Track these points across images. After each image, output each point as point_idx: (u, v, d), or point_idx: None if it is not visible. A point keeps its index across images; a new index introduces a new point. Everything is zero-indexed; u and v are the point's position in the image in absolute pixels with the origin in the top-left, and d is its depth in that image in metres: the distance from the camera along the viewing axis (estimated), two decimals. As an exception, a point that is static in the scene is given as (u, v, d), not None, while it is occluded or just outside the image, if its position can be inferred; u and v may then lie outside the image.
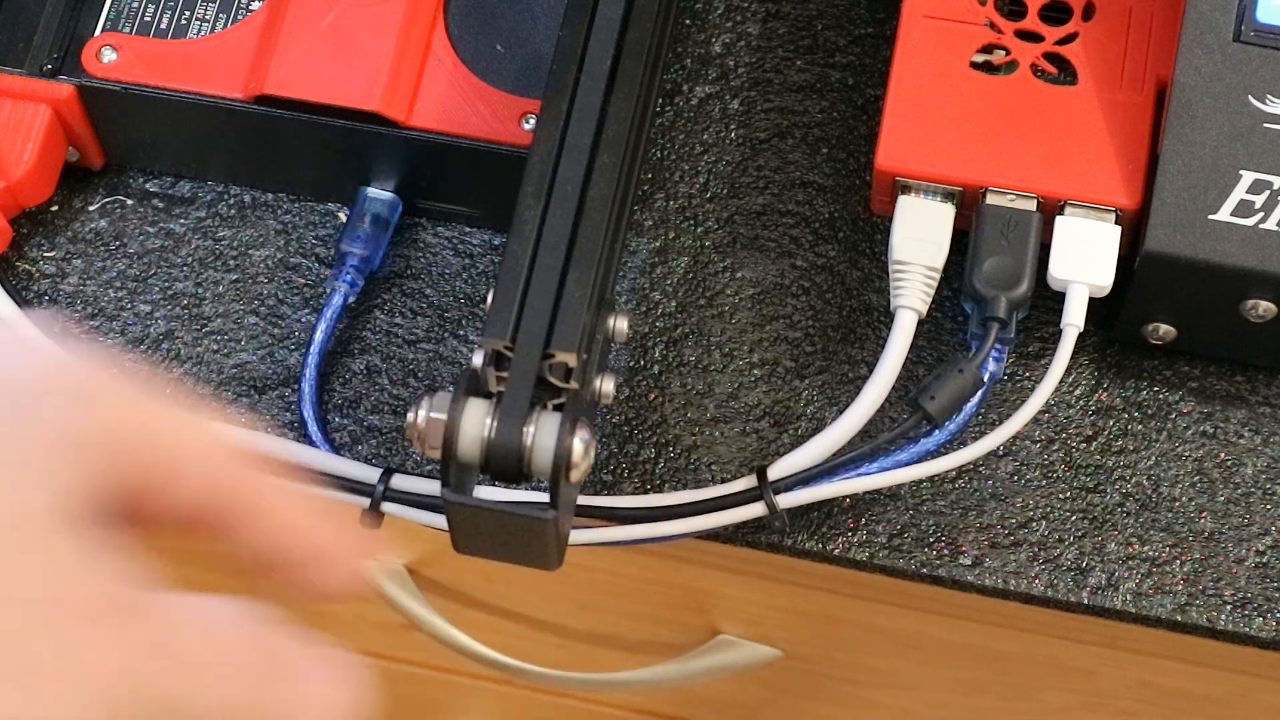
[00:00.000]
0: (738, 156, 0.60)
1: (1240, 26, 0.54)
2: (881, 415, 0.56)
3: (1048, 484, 0.56)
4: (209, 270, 0.60)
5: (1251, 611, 0.55)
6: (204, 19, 0.59)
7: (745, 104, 0.61)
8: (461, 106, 0.57)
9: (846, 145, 0.60)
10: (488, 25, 0.59)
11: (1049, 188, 0.55)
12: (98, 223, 0.60)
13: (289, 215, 0.60)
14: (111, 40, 0.58)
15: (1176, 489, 0.56)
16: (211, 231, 0.60)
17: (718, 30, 0.62)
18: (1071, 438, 0.57)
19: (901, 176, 0.55)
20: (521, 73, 0.58)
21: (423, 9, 0.58)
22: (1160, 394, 0.57)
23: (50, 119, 0.57)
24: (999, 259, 0.54)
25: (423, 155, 0.58)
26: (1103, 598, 0.55)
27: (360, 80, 0.56)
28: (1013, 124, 0.55)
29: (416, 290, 0.59)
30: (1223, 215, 0.53)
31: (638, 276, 0.59)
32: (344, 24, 0.57)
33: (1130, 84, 0.56)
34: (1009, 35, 0.57)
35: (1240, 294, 0.53)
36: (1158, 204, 0.53)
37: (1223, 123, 0.53)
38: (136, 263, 0.60)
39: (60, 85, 0.58)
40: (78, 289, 0.59)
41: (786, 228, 0.59)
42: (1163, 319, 0.56)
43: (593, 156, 0.52)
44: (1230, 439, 0.57)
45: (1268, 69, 0.53)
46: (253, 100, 0.57)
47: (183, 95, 0.57)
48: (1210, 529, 0.56)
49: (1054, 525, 0.56)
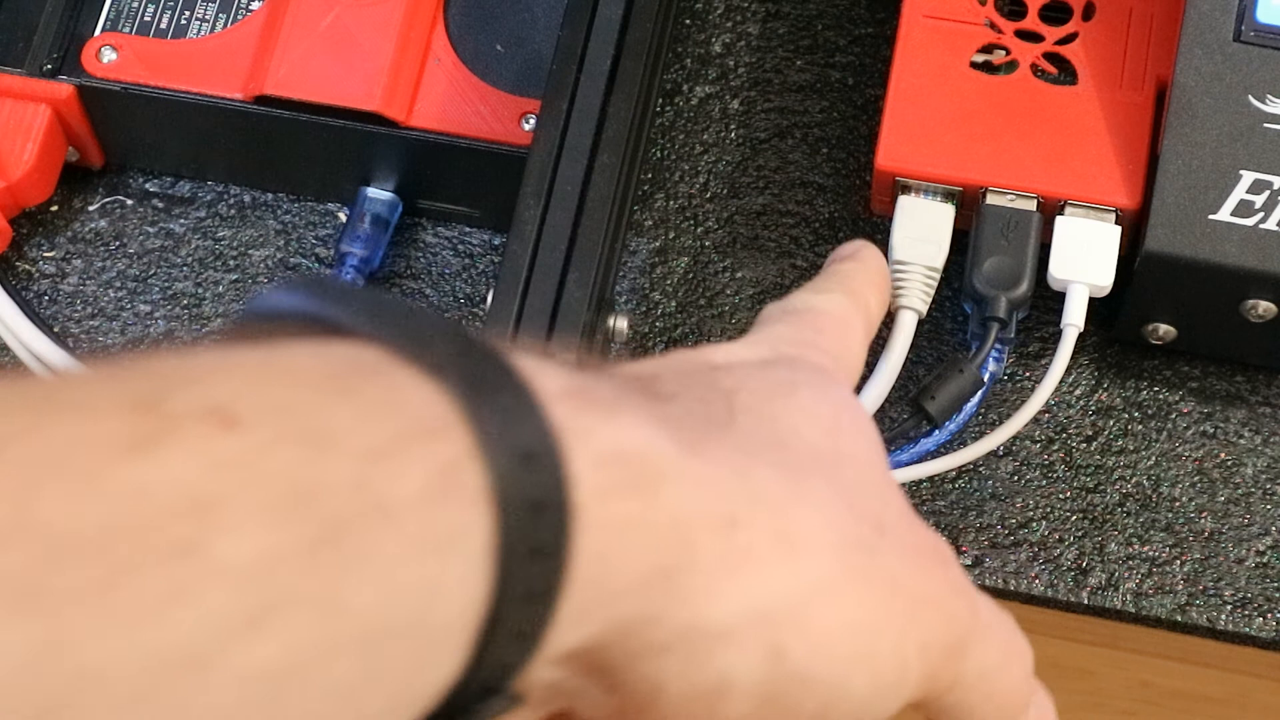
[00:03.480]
0: (738, 156, 0.60)
1: (1240, 26, 0.54)
2: (881, 415, 0.56)
3: (1048, 484, 0.56)
4: (209, 270, 0.60)
5: (1251, 611, 0.55)
6: (204, 19, 0.59)
7: (745, 104, 0.61)
8: (461, 106, 0.57)
9: (847, 145, 0.60)
10: (488, 25, 0.59)
11: (1049, 188, 0.54)
12: (98, 223, 0.60)
13: (289, 215, 0.60)
14: (111, 40, 0.58)
15: (1177, 489, 0.56)
16: (211, 231, 0.60)
17: (718, 30, 0.62)
18: (1071, 438, 0.57)
19: (902, 176, 0.55)
20: (521, 73, 0.58)
21: (423, 9, 0.58)
22: (1160, 394, 0.57)
23: (50, 119, 0.57)
24: (999, 259, 0.54)
25: (423, 155, 0.58)
26: (1103, 598, 0.55)
27: (360, 80, 0.56)
28: (1013, 124, 0.55)
29: (416, 290, 0.59)
30: (1223, 215, 0.53)
31: (638, 276, 0.59)
32: (344, 24, 0.57)
33: (1130, 84, 0.56)
34: (1009, 35, 0.57)
35: (1240, 294, 0.53)
36: (1158, 204, 0.53)
37: (1223, 123, 0.53)
38: (136, 263, 0.60)
39: (60, 85, 0.57)
40: (78, 289, 0.59)
41: (786, 228, 0.59)
42: (1163, 319, 0.55)
43: (593, 156, 0.52)
44: (1230, 439, 0.57)
45: (1268, 69, 0.53)
46: (253, 100, 0.57)
47: (183, 95, 0.57)
48: (1210, 529, 0.56)
49: (1054, 525, 0.56)
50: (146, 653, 0.23)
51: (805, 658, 0.31)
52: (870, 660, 0.32)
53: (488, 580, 0.27)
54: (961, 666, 0.35)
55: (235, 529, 0.24)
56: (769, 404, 0.34)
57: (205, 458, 0.24)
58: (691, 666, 0.31)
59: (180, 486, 0.24)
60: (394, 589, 0.26)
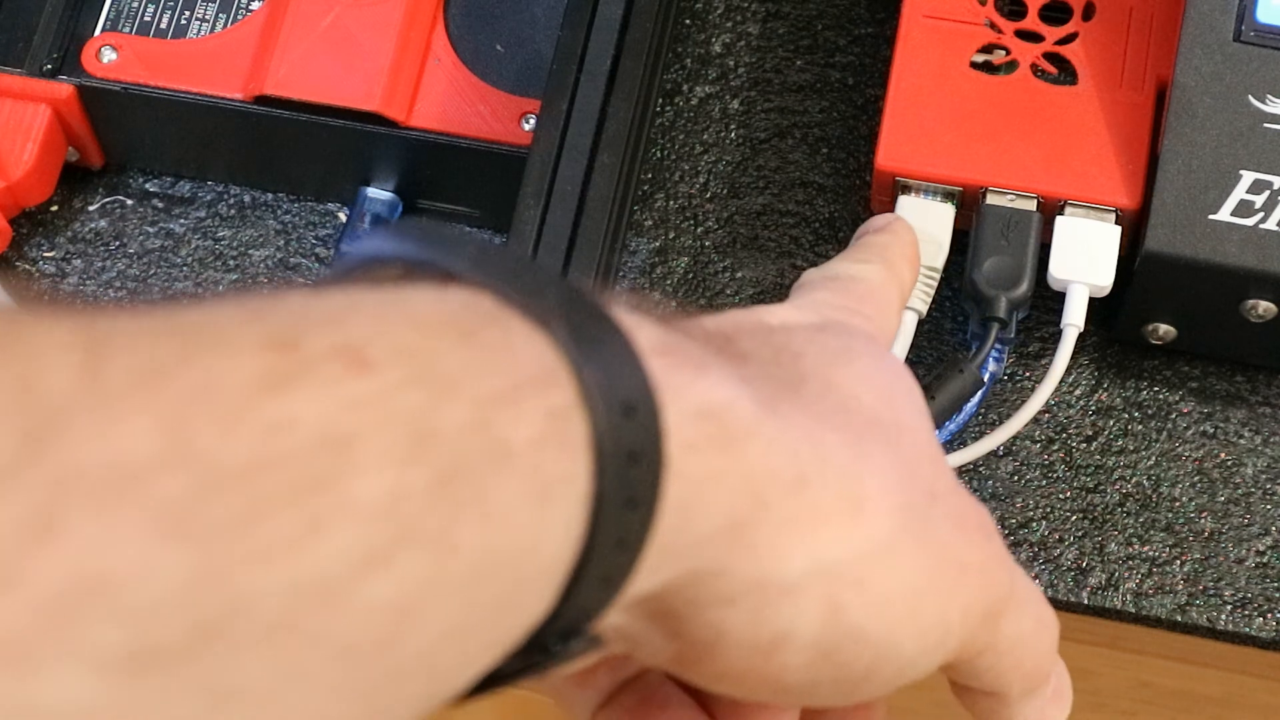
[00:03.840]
0: (738, 156, 0.60)
1: (1240, 26, 0.54)
2: (881, 415, 0.56)
3: (1048, 484, 0.56)
4: (209, 270, 0.60)
5: (1252, 611, 0.55)
6: (204, 19, 0.59)
7: (745, 104, 0.61)
8: (461, 106, 0.57)
9: (847, 145, 0.60)
10: (488, 25, 0.59)
11: (1049, 188, 0.54)
12: (97, 223, 0.60)
13: (289, 215, 0.60)
14: (111, 40, 0.58)
15: (1177, 489, 0.56)
16: (211, 232, 0.60)
17: (718, 30, 0.62)
18: (1071, 438, 0.57)
19: (902, 176, 0.55)
20: (521, 73, 0.58)
21: (423, 9, 0.58)
22: (1160, 394, 0.57)
23: (50, 119, 0.57)
24: (999, 259, 0.54)
25: (423, 155, 0.58)
26: (1103, 598, 0.55)
27: (360, 80, 0.56)
28: (1013, 124, 0.55)
29: (416, 290, 0.59)
30: (1223, 215, 0.53)
31: (638, 276, 0.59)
32: (344, 24, 0.57)
33: (1130, 84, 0.56)
34: (1009, 35, 0.57)
35: (1240, 294, 0.53)
36: (1158, 204, 0.53)
37: (1223, 123, 0.53)
38: (136, 263, 0.60)
39: (60, 85, 0.57)
40: (77, 289, 0.59)
41: (786, 228, 0.59)
42: (1163, 319, 0.55)
43: (593, 156, 0.52)
44: (1230, 439, 0.57)
45: (1268, 69, 0.53)
46: (253, 100, 0.57)
47: (182, 95, 0.57)
48: (1210, 529, 0.56)
49: (1054, 525, 0.56)
50: (286, 583, 0.24)
51: (861, 615, 0.32)
52: (919, 620, 0.34)
53: (584, 526, 0.28)
54: (997, 633, 0.36)
55: (367, 467, 0.25)
56: (831, 369, 0.35)
57: (339, 397, 0.25)
58: (755, 618, 0.32)
59: (316, 424, 0.25)
60: (504, 531, 0.27)
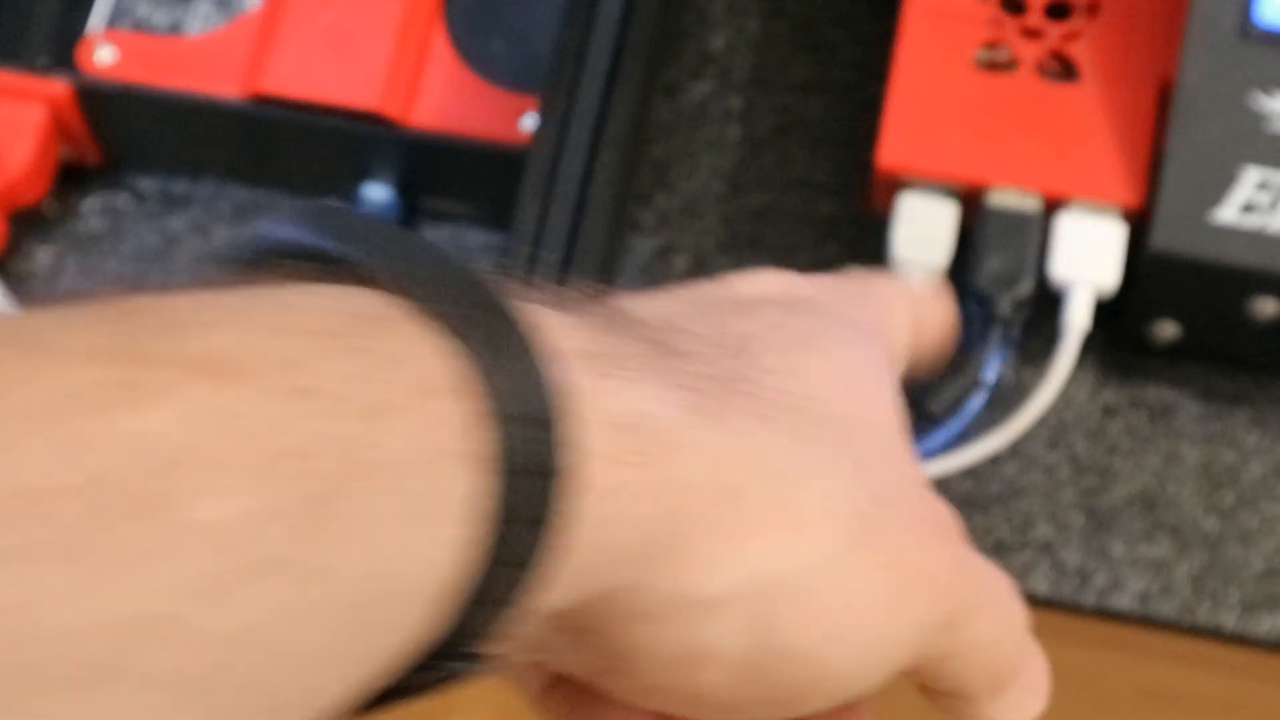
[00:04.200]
0: (738, 155, 0.60)
1: (1244, 24, 0.54)
2: (883, 416, 0.55)
3: (1051, 485, 0.56)
4: (206, 270, 0.59)
5: (1258, 613, 0.55)
6: (202, 17, 0.59)
7: (746, 102, 0.61)
8: (461, 105, 0.57)
9: (848, 144, 0.60)
10: (487, 23, 0.59)
11: (1052, 186, 0.54)
12: (94, 222, 0.60)
13: (287, 214, 0.60)
14: (108, 38, 0.58)
15: (1182, 490, 0.56)
16: (209, 231, 0.60)
17: (719, 28, 0.62)
18: (1075, 438, 0.56)
19: (903, 175, 0.55)
20: (521, 71, 0.58)
21: (422, 7, 0.58)
22: (1165, 394, 0.57)
23: (46, 117, 0.57)
24: (1001, 257, 0.54)
25: (422, 154, 0.57)
26: (1107, 600, 0.55)
27: (359, 79, 0.56)
28: (1015, 122, 0.55)
29: (415, 290, 0.59)
30: (1227, 214, 0.52)
31: (638, 276, 0.59)
32: (343, 22, 0.57)
33: (1134, 81, 0.55)
34: (1012, 32, 0.57)
35: (1245, 293, 0.53)
36: (1161, 203, 0.53)
37: (1227, 120, 0.53)
38: (133, 262, 0.59)
39: (56, 83, 0.57)
40: (74, 288, 0.59)
41: (787, 227, 0.59)
42: (1167, 319, 0.55)
43: (593, 156, 0.52)
44: (1235, 440, 0.56)
45: (1272, 66, 0.53)
46: (250, 99, 0.57)
47: (180, 94, 0.57)
48: (1216, 530, 0.55)
49: (1058, 526, 0.56)
50: (114, 614, 0.22)
51: (794, 632, 0.31)
52: (860, 635, 0.32)
53: (479, 546, 0.26)
54: (956, 639, 0.34)
55: (213, 488, 0.23)
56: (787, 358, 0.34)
57: (188, 412, 0.23)
58: (676, 635, 0.30)
59: (163, 441, 0.23)
60: (374, 552, 0.25)
